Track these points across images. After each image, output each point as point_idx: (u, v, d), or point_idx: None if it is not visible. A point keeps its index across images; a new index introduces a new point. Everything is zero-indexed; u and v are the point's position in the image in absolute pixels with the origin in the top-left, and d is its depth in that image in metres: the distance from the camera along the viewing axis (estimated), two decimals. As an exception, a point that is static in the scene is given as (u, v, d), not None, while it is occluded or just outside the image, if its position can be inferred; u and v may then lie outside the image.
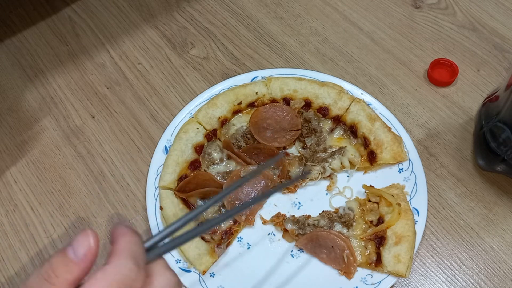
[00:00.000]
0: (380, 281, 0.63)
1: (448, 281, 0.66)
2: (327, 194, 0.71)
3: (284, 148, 0.74)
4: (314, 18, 0.91)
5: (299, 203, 0.70)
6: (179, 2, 0.94)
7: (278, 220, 0.68)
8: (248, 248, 0.67)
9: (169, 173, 0.69)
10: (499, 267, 0.67)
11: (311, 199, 0.71)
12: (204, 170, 0.71)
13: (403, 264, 0.62)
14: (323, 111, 0.75)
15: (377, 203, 0.68)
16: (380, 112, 0.75)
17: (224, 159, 0.72)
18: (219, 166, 0.72)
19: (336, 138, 0.74)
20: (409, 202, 0.67)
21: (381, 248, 0.64)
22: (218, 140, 0.74)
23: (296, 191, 0.71)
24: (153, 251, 0.40)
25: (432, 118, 0.79)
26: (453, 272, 0.66)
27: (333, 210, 0.69)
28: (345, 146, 0.73)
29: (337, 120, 0.75)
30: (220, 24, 0.90)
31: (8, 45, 0.89)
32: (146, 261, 0.38)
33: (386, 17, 0.91)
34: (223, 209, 0.68)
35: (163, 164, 0.71)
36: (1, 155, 0.77)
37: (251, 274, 0.65)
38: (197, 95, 0.78)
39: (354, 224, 0.67)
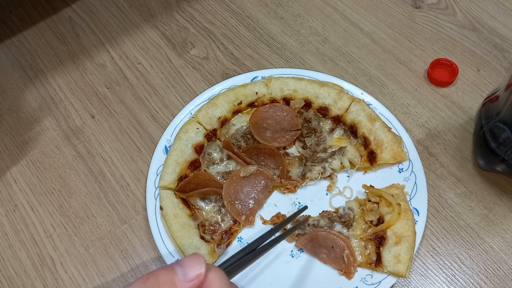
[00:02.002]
0: (380, 281, 0.63)
1: (448, 281, 0.66)
2: (327, 194, 0.71)
3: (284, 148, 0.74)
4: (314, 18, 0.91)
5: (299, 203, 0.70)
6: (179, 2, 0.94)
7: (278, 220, 0.68)
8: (248, 248, 0.67)
9: (169, 173, 0.69)
10: (499, 267, 0.67)
11: (311, 199, 0.71)
12: (204, 170, 0.71)
13: (403, 264, 0.62)
14: (323, 111, 0.75)
15: (377, 203, 0.68)
16: (380, 112, 0.75)
17: (224, 159, 0.72)
18: (219, 166, 0.72)
19: (336, 138, 0.74)
20: (409, 202, 0.67)
21: (381, 248, 0.64)
22: (218, 140, 0.74)
23: (296, 191, 0.71)
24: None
25: (432, 118, 0.79)
26: (453, 272, 0.66)
27: (333, 210, 0.69)
28: (345, 146, 0.73)
29: (337, 120, 0.75)
30: (220, 24, 0.90)
31: (8, 45, 0.89)
32: None
33: (386, 17, 0.91)
34: (223, 209, 0.68)
35: (163, 164, 0.71)
36: (1, 155, 0.77)
37: (251, 274, 0.65)
38: (197, 95, 0.78)
39: (354, 224, 0.67)
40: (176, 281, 0.37)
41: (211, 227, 0.67)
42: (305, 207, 0.66)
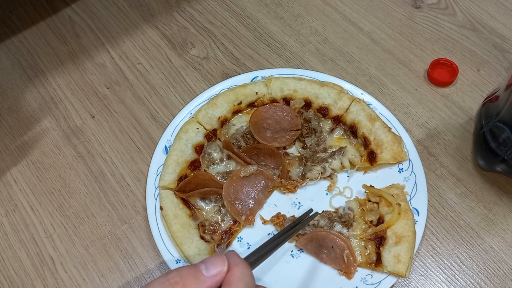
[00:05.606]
0: (380, 281, 0.63)
1: (448, 281, 0.66)
2: (327, 194, 0.71)
3: (284, 148, 0.74)
4: (314, 18, 0.91)
5: (299, 203, 0.70)
6: (179, 2, 0.94)
7: (278, 220, 0.68)
8: (248, 248, 0.67)
9: (169, 173, 0.69)
10: (499, 267, 0.67)
11: (311, 199, 0.71)
12: (204, 170, 0.71)
13: (403, 264, 0.62)
14: (323, 111, 0.75)
15: (377, 203, 0.68)
16: (380, 112, 0.75)
17: (224, 159, 0.72)
18: (219, 166, 0.72)
19: (336, 138, 0.74)
20: (409, 202, 0.67)
21: (381, 248, 0.64)
22: (218, 140, 0.74)
23: (296, 191, 0.71)
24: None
25: (432, 118, 0.79)
26: (453, 272, 0.66)
27: (333, 210, 0.69)
28: (345, 146, 0.73)
29: (337, 120, 0.75)
30: (220, 24, 0.90)
31: (8, 45, 0.89)
32: None
33: (386, 17, 0.91)
34: (223, 209, 0.68)
35: (163, 164, 0.71)
36: (1, 155, 0.77)
37: (251, 274, 0.65)
38: (197, 95, 0.78)
39: (354, 224, 0.67)
40: (199, 276, 0.39)
41: (211, 227, 0.67)
42: (316, 213, 0.66)
